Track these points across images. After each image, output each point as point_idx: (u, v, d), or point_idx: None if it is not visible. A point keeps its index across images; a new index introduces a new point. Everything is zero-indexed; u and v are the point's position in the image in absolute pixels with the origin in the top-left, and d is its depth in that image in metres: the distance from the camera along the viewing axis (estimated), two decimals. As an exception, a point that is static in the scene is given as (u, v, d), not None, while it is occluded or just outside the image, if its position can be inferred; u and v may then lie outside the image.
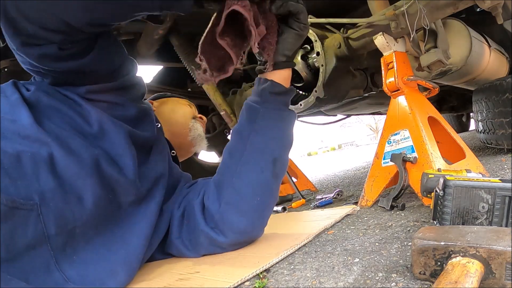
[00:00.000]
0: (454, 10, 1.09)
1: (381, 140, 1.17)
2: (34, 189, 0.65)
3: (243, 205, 0.82)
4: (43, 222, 0.65)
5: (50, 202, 0.66)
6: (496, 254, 0.48)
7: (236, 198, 0.83)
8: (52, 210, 0.66)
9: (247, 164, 0.83)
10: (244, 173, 0.83)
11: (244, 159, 0.83)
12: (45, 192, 0.65)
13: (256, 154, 0.83)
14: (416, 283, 0.55)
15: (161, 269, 0.85)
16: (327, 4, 1.61)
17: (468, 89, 2.12)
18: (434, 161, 1.00)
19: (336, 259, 0.72)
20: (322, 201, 1.44)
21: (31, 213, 0.63)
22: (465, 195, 0.61)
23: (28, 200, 0.63)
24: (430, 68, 1.23)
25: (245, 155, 0.83)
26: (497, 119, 1.56)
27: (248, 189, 0.82)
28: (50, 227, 0.65)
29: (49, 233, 0.65)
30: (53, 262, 0.66)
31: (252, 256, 0.81)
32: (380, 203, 1.04)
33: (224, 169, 0.87)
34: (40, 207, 0.64)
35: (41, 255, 0.65)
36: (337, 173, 3.06)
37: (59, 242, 0.67)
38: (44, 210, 0.65)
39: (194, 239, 0.87)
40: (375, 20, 1.18)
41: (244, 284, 0.69)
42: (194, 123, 1.20)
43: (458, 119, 4.85)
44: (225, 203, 0.83)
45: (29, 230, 0.63)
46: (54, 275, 0.65)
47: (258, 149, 0.83)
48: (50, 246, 0.65)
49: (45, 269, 0.65)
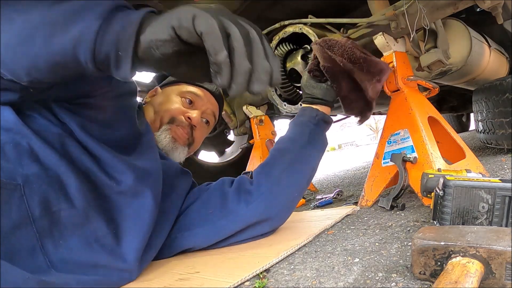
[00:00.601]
0: (454, 10, 1.09)
1: (381, 140, 1.17)
2: (18, 172, 0.67)
3: (285, 196, 0.95)
4: (27, 203, 0.66)
5: (33, 184, 0.67)
6: (496, 254, 0.48)
7: (281, 189, 0.94)
8: (35, 191, 0.67)
9: (295, 167, 0.97)
10: (292, 172, 0.97)
11: (294, 162, 0.97)
12: (28, 175, 0.67)
13: (305, 161, 1.00)
14: (416, 283, 0.55)
15: (161, 269, 0.85)
16: (327, 4, 1.61)
17: (468, 89, 2.12)
18: (434, 161, 1.00)
19: (336, 259, 0.72)
20: (322, 201, 1.44)
21: (14, 193, 0.65)
22: (465, 195, 0.60)
23: (11, 180, 0.65)
24: (430, 68, 1.23)
25: (296, 158, 0.98)
26: (497, 119, 1.56)
27: (292, 185, 0.96)
28: (34, 208, 0.67)
29: (34, 214, 0.66)
30: (38, 245, 0.66)
31: (252, 256, 0.82)
32: (380, 203, 1.04)
33: (274, 163, 0.98)
34: (23, 188, 0.66)
35: (27, 237, 0.65)
36: (337, 173, 3.06)
37: (44, 224, 0.68)
38: (28, 191, 0.66)
39: (222, 225, 0.92)
40: (375, 20, 1.18)
41: (244, 284, 0.69)
42: None
43: (458, 119, 4.84)
44: (271, 190, 0.93)
45: (13, 210, 0.64)
46: (38, 259, 0.65)
47: (307, 157, 1.00)
48: (35, 228, 0.66)
49: (30, 251, 0.65)
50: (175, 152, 1.07)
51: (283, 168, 0.96)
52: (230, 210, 0.93)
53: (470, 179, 0.61)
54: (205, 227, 0.93)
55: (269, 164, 0.99)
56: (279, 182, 0.94)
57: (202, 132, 1.17)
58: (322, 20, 1.33)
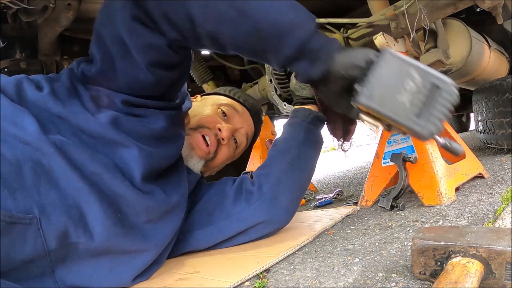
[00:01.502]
0: (454, 10, 1.08)
1: (381, 140, 1.17)
2: (34, 201, 0.60)
3: (287, 196, 0.94)
4: (43, 237, 0.60)
5: (51, 216, 0.61)
6: (496, 254, 0.48)
7: (282, 189, 0.93)
8: (53, 224, 0.61)
9: (295, 166, 0.96)
10: (292, 172, 0.96)
11: (293, 162, 0.96)
12: (46, 205, 0.61)
13: (304, 159, 0.99)
14: (416, 283, 0.55)
15: (161, 269, 0.85)
16: (327, 4, 1.61)
17: (468, 89, 2.12)
18: (434, 161, 1.00)
19: (336, 259, 0.72)
20: (322, 201, 1.44)
21: (30, 227, 0.59)
22: (397, 66, 0.58)
23: (27, 214, 0.58)
24: (430, 68, 1.23)
25: (294, 158, 0.97)
26: (497, 119, 1.56)
27: (293, 185, 0.95)
28: (50, 242, 0.61)
29: (50, 247, 0.61)
30: (49, 271, 0.63)
31: (252, 256, 0.82)
32: (380, 203, 1.04)
33: (273, 164, 0.97)
34: (40, 220, 0.59)
35: (39, 267, 0.62)
36: (337, 173, 3.06)
37: (59, 255, 0.63)
38: (44, 224, 0.60)
39: (225, 225, 0.92)
40: (375, 20, 1.18)
41: (244, 284, 0.69)
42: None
43: (458, 119, 4.84)
44: (273, 191, 0.92)
45: (27, 246, 0.59)
46: (46, 283, 0.63)
47: (306, 156, 0.99)
48: (49, 259, 0.62)
49: (39, 276, 0.62)
50: (190, 161, 0.97)
51: (282, 168, 0.95)
52: (231, 210, 0.93)
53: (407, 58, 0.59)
54: (207, 228, 0.93)
55: (268, 165, 0.98)
56: (280, 183, 0.93)
57: (228, 151, 1.04)
58: (322, 20, 1.33)
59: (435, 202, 0.95)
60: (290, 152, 0.97)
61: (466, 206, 0.88)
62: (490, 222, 0.77)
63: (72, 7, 1.25)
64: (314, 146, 1.02)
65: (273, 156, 0.99)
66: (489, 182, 1.10)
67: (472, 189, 1.05)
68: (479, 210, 0.84)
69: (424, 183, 0.99)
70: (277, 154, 0.99)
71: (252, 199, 0.92)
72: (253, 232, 0.93)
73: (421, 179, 1.00)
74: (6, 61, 1.50)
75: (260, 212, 0.91)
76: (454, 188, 1.00)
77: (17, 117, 0.65)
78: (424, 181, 0.99)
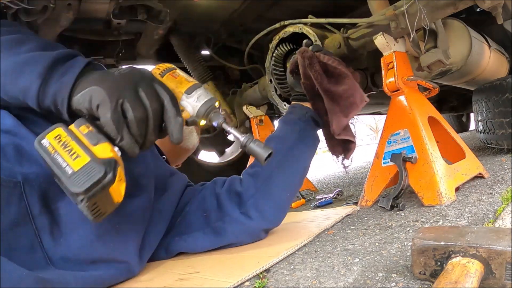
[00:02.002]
0: (454, 10, 1.08)
1: (381, 140, 1.17)
2: (18, 171, 0.67)
3: (276, 197, 0.93)
4: (26, 200, 0.67)
5: (33, 182, 0.68)
6: (496, 254, 0.48)
7: (271, 189, 0.92)
8: (35, 189, 0.68)
9: (285, 166, 0.95)
10: (282, 172, 0.94)
11: (284, 161, 0.94)
12: (28, 174, 0.68)
13: (295, 159, 0.97)
14: (416, 283, 0.55)
15: (161, 269, 0.85)
16: (327, 4, 1.61)
17: (468, 89, 2.12)
18: (434, 161, 1.00)
19: (336, 259, 0.72)
20: (322, 201, 1.44)
21: (14, 190, 0.66)
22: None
23: (11, 178, 0.66)
24: (430, 68, 1.23)
25: (285, 157, 0.95)
26: (497, 119, 1.56)
27: (283, 185, 0.94)
28: (33, 205, 0.67)
29: (33, 211, 0.67)
30: (37, 241, 0.67)
31: (252, 256, 0.82)
32: (380, 203, 1.04)
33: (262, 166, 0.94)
34: (23, 185, 0.67)
35: (26, 233, 0.66)
36: (337, 173, 3.06)
37: (44, 221, 0.68)
38: (27, 189, 0.67)
39: (219, 227, 0.91)
40: (375, 20, 1.18)
41: (244, 284, 0.69)
42: None
43: (458, 119, 4.84)
44: (261, 191, 0.91)
45: (12, 208, 0.65)
46: (37, 255, 0.66)
47: (297, 156, 0.97)
48: (34, 225, 0.67)
49: (29, 247, 0.66)
50: None
51: (271, 168, 0.93)
52: (225, 212, 0.92)
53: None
54: (204, 230, 0.92)
55: (257, 164, 0.96)
56: (268, 183, 0.92)
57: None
58: (322, 20, 1.33)
59: (435, 202, 0.95)
60: (281, 152, 0.95)
61: (466, 206, 0.88)
62: (490, 222, 0.77)
63: (72, 7, 1.25)
64: (309, 146, 1.00)
65: None
66: (489, 182, 1.10)
67: (472, 189, 1.05)
68: (479, 210, 0.84)
69: (424, 183, 0.99)
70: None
71: (240, 201, 0.92)
72: (244, 236, 0.92)
73: (421, 179, 1.00)
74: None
75: (246, 216, 0.90)
76: (454, 188, 1.00)
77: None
78: (424, 181, 0.99)
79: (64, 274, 0.67)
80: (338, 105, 0.95)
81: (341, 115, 0.95)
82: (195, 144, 1.22)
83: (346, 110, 0.96)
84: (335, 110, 0.95)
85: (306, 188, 1.98)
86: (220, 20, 1.82)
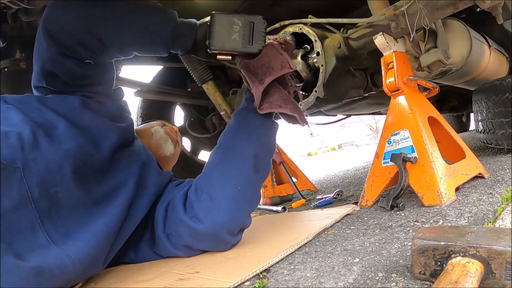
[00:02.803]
0: (454, 10, 1.08)
1: (381, 140, 1.17)
2: (18, 157, 0.72)
3: (221, 194, 0.87)
4: (26, 184, 0.71)
5: (32, 168, 0.73)
6: (496, 254, 0.48)
7: (216, 187, 0.88)
8: (34, 174, 0.73)
9: (230, 156, 0.91)
10: (227, 163, 0.91)
11: (227, 152, 0.92)
12: (28, 160, 0.73)
13: (239, 146, 0.91)
14: (416, 283, 0.55)
15: (161, 269, 0.85)
16: (327, 4, 1.61)
17: (468, 89, 2.12)
18: (434, 161, 1.00)
19: (336, 259, 0.72)
20: (322, 201, 1.44)
21: (15, 174, 0.70)
22: (225, 20, 0.88)
23: (12, 163, 0.70)
24: (430, 68, 1.23)
25: (229, 147, 0.93)
26: (497, 119, 1.56)
27: (229, 180, 0.89)
28: (33, 189, 0.72)
29: (33, 195, 0.72)
30: (38, 223, 0.72)
31: (252, 256, 0.82)
32: (380, 203, 1.04)
33: (209, 163, 0.96)
34: (23, 170, 0.72)
35: (27, 216, 0.71)
36: (337, 173, 3.06)
37: (43, 205, 0.73)
38: (27, 174, 0.72)
39: (174, 230, 0.90)
40: (375, 20, 1.18)
41: (244, 284, 0.69)
42: (157, 128, 1.22)
43: (458, 119, 4.84)
44: (206, 191, 0.89)
45: (13, 190, 0.69)
46: (38, 236, 0.71)
47: (241, 140, 0.92)
48: (34, 208, 0.72)
49: (31, 229, 0.71)
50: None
51: (215, 164, 0.92)
52: (176, 217, 0.91)
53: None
54: (150, 241, 0.96)
55: (205, 165, 0.96)
56: (209, 180, 0.90)
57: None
58: (322, 20, 1.33)
59: (435, 202, 0.95)
60: (222, 145, 0.94)
61: (466, 206, 0.88)
62: (490, 222, 0.77)
63: (72, 7, 1.24)
64: (250, 129, 0.92)
65: (210, 155, 0.97)
66: (489, 182, 1.10)
67: (472, 189, 1.05)
68: (479, 210, 0.84)
69: (424, 183, 0.99)
70: (214, 151, 0.96)
71: (191, 211, 0.88)
72: (206, 242, 0.89)
73: (421, 179, 1.00)
74: (6, 61, 1.50)
75: (203, 226, 0.86)
76: (454, 188, 1.00)
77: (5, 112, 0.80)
78: (424, 181, 1.00)
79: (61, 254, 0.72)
80: (256, 76, 0.89)
81: (258, 84, 0.89)
82: (172, 151, 1.21)
83: (262, 77, 0.88)
84: (254, 81, 0.90)
85: (306, 188, 1.98)
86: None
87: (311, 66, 1.46)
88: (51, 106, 0.87)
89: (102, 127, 0.91)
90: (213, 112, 2.35)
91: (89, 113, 0.90)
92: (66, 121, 0.84)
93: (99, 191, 0.85)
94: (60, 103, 0.89)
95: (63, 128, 0.83)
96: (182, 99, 2.33)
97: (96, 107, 0.93)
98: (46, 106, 0.86)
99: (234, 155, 0.91)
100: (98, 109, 0.93)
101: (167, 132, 1.22)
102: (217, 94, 1.84)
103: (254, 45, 0.89)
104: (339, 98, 1.57)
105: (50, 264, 0.69)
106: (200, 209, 0.87)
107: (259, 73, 0.89)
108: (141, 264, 0.96)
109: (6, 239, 0.66)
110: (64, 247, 0.73)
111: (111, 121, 0.95)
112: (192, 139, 2.51)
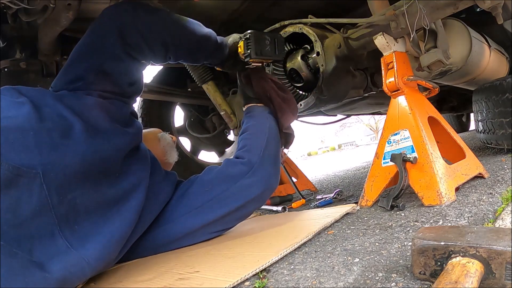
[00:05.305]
0: (454, 10, 1.08)
1: (381, 140, 1.17)
2: (37, 161, 0.71)
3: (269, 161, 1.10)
4: (46, 190, 0.71)
5: (51, 173, 0.72)
6: (496, 254, 0.48)
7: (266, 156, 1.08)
8: (53, 179, 0.72)
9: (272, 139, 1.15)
10: (270, 143, 1.13)
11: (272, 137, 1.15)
12: (47, 164, 0.72)
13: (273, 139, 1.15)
14: (416, 283, 0.55)
15: (161, 269, 0.85)
16: (327, 4, 1.61)
17: (468, 89, 2.12)
18: (434, 161, 1.00)
19: (336, 259, 0.72)
20: (322, 201, 1.44)
21: (35, 181, 0.69)
22: (260, 36, 1.12)
23: (31, 169, 0.69)
24: (430, 68, 1.23)
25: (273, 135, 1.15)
26: (497, 119, 1.56)
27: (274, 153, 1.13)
28: (52, 195, 0.71)
29: (53, 201, 0.71)
30: (57, 230, 0.71)
31: (252, 256, 0.82)
32: (380, 203, 1.04)
33: (252, 138, 1.16)
34: (42, 176, 0.71)
35: (46, 223, 0.70)
36: (337, 173, 3.06)
37: (62, 210, 0.73)
38: (46, 179, 0.71)
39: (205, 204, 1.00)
40: (375, 20, 1.18)
41: (244, 283, 0.69)
42: (163, 134, 1.29)
43: (458, 119, 4.84)
44: (258, 159, 1.08)
45: (34, 197, 0.69)
46: (57, 242, 0.71)
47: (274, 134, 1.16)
48: (54, 214, 0.71)
49: (50, 236, 0.70)
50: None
51: (262, 143, 1.12)
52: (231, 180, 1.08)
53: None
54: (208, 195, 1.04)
55: (248, 139, 1.19)
56: (265, 152, 1.09)
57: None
58: (322, 20, 1.33)
59: (435, 202, 0.95)
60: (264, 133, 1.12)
61: (466, 206, 0.88)
62: (490, 222, 0.77)
63: (72, 7, 1.24)
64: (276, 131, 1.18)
65: (252, 133, 1.14)
66: (489, 182, 1.10)
67: (472, 189, 1.05)
68: (479, 210, 0.84)
69: (424, 183, 0.99)
70: (253, 135, 1.15)
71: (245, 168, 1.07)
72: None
73: (421, 179, 1.00)
74: (6, 61, 1.50)
75: (255, 178, 1.03)
76: (454, 188, 1.00)
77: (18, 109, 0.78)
78: (424, 181, 1.00)
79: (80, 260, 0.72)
80: (289, 106, 1.18)
81: (290, 114, 1.19)
82: (176, 159, 1.30)
83: (294, 111, 1.21)
84: (286, 109, 1.18)
85: (306, 188, 1.98)
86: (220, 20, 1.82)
87: (311, 66, 1.46)
88: (67, 103, 0.85)
89: (115, 129, 0.91)
90: (213, 112, 2.35)
91: (103, 115, 0.90)
92: (82, 121, 0.83)
93: (112, 194, 0.85)
94: (76, 101, 0.87)
95: (79, 129, 0.82)
96: (182, 99, 2.33)
97: (110, 108, 0.93)
98: (62, 103, 0.85)
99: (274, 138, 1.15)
100: (112, 111, 0.93)
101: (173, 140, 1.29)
102: (217, 94, 1.84)
103: (279, 54, 1.17)
104: (339, 98, 1.57)
105: (71, 272, 0.69)
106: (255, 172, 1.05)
107: (292, 107, 1.21)
108: (141, 264, 0.96)
109: (26, 247, 0.66)
110: (82, 251, 0.73)
111: (123, 124, 0.95)
112: (192, 139, 2.51)
